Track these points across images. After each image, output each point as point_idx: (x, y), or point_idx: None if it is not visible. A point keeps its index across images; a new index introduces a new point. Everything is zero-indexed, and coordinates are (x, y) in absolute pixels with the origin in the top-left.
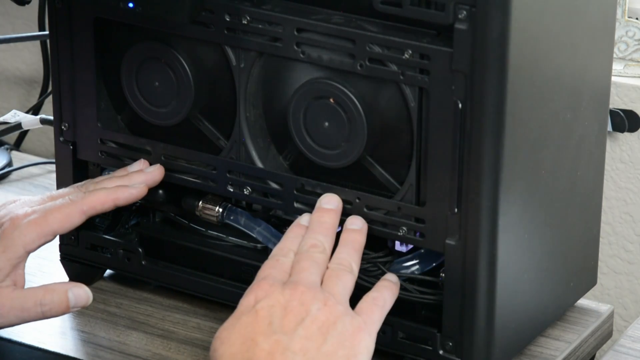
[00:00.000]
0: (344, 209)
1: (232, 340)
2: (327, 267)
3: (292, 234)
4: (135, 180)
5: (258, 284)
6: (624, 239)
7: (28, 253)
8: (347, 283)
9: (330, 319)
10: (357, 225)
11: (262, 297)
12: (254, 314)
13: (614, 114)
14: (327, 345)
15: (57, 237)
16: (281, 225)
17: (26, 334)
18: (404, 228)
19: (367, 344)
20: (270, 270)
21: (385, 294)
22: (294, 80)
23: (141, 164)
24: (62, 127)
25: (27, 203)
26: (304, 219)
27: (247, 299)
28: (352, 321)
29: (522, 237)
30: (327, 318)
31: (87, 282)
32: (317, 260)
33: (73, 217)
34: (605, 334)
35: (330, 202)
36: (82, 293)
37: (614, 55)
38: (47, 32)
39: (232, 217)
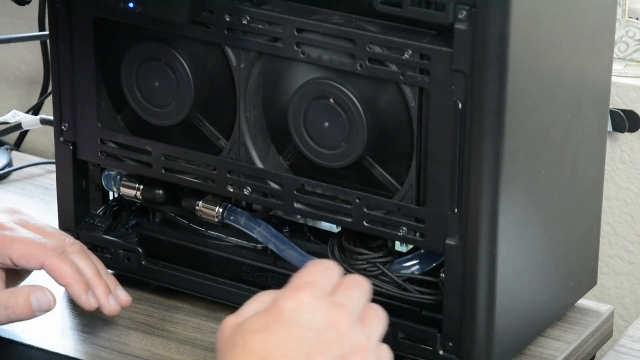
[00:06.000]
0: (343, 208)
1: (250, 347)
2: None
3: None
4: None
5: (304, 289)
6: (624, 239)
7: None
8: (381, 325)
9: None
10: None
11: (304, 311)
12: (289, 327)
13: (614, 114)
14: None
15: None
16: (281, 226)
17: (26, 333)
18: (404, 228)
19: None
20: (318, 276)
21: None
22: (294, 80)
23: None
24: (62, 127)
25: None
26: None
27: (287, 304)
28: None
29: (522, 237)
30: None
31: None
32: (363, 295)
33: (32, 262)
34: (605, 334)
35: None
36: (43, 297)
37: (614, 55)
38: (47, 32)
39: (232, 217)
